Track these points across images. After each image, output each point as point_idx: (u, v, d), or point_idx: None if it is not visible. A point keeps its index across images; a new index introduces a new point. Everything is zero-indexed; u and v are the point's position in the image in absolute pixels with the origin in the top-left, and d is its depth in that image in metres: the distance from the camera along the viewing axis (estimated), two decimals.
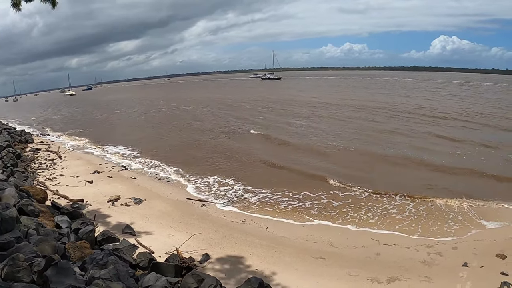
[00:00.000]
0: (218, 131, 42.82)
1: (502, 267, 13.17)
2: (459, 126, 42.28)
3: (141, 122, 55.67)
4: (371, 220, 18.16)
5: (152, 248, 13.02)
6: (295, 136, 37.34)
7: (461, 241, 15.73)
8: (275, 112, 56.50)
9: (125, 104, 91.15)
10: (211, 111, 63.37)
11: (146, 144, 36.66)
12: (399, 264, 13.70)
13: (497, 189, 21.70)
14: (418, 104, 66.13)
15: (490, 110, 57.78)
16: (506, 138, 35.33)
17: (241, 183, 23.59)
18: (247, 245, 14.71)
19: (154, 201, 19.62)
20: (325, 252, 14.56)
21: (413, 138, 35.47)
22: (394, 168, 26.45)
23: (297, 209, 19.47)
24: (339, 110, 58.70)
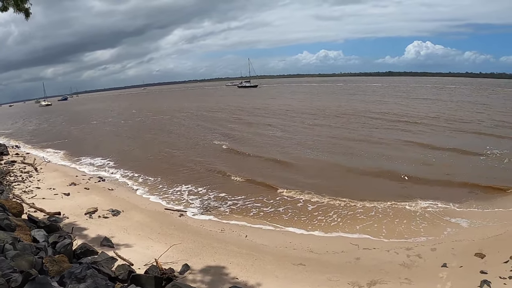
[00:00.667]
0: (191, 141, 42.85)
1: (481, 266, 13.58)
2: (427, 131, 43.32)
3: (118, 133, 55.21)
4: (346, 225, 18.53)
5: (131, 260, 12.97)
6: (261, 147, 37.32)
7: (440, 242, 16.14)
8: (246, 122, 56.31)
9: (101, 114, 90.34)
10: (186, 121, 62.96)
11: (122, 155, 36.49)
12: (379, 268, 13.96)
13: (464, 194, 22.32)
14: (386, 108, 67.87)
15: (459, 113, 59.48)
16: (473, 143, 36.19)
17: (215, 192, 23.88)
18: (226, 254, 14.78)
19: (132, 212, 19.60)
20: (305, 259, 14.74)
21: (381, 145, 36.02)
22: (362, 175, 26.71)
23: (270, 215, 19.95)
24: (311, 117, 59.21)
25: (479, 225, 18.07)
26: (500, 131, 42.02)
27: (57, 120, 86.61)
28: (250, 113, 67.04)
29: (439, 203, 20.76)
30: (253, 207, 21.23)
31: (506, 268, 13.23)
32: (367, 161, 30.28)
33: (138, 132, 54.17)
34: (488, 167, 27.90)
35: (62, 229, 15.36)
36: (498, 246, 15.34)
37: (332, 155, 32.58)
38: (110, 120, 75.34)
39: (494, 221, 18.45)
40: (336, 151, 33.83)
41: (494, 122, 49.93)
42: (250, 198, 22.47)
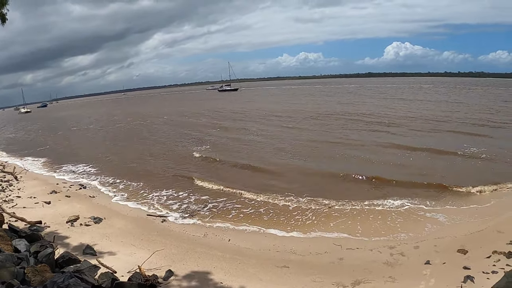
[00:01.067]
0: (168, 148, 42.49)
1: (464, 262, 13.91)
2: (403, 131, 44.01)
3: (98, 139, 54.79)
4: (322, 224, 19.00)
5: (114, 267, 12.92)
6: (238, 152, 37.17)
7: (422, 240, 16.49)
8: (223, 127, 55.81)
9: (81, 121, 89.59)
10: (165, 127, 62.25)
11: (103, 162, 36.21)
12: (363, 267, 14.18)
13: (440, 193, 22.83)
14: (364, 109, 68.78)
15: (435, 113, 60.79)
16: (448, 142, 36.96)
17: (195, 196, 24.15)
18: (210, 258, 14.84)
19: (114, 219, 19.56)
20: (289, 261, 14.90)
21: (356, 147, 36.26)
22: (338, 178, 26.89)
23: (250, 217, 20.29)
24: (289, 120, 59.60)
25: (460, 221, 18.49)
26: (476, 129, 43.24)
27: (37, 127, 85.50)
28: (228, 118, 66.82)
29: (416, 201, 21.34)
30: (233, 208, 21.61)
31: (489, 263, 13.58)
32: (343, 163, 30.45)
33: (118, 138, 53.57)
34: (463, 166, 28.58)
35: (44, 238, 15.30)
36: (480, 242, 15.71)
37: (308, 158, 32.68)
38: (90, 126, 74.73)
39: (474, 217, 18.88)
40: (312, 155, 33.91)
41: (470, 121, 51.36)
42: (231, 200, 22.85)
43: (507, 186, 23.28)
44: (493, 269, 13.00)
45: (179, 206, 22.38)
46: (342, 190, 23.82)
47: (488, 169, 27.22)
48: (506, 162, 29.27)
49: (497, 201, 21.22)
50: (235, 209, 21.45)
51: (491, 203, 20.88)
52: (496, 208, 20.07)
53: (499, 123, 49.06)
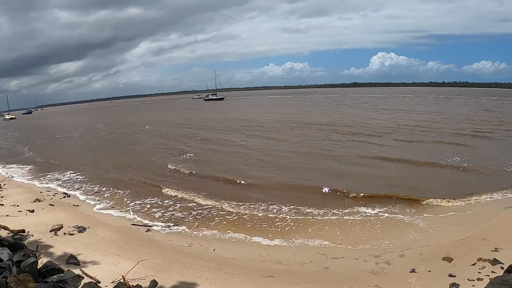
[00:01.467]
0: (151, 157, 42.42)
1: (449, 270, 14.09)
2: (386, 143, 44.12)
3: (83, 147, 54.40)
4: (310, 233, 19.09)
5: (98, 277, 12.83)
6: (221, 164, 36.62)
7: (407, 248, 16.69)
8: (205, 138, 54.95)
9: (66, 128, 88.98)
10: (149, 137, 61.95)
11: (88, 170, 36.02)
12: (348, 276, 14.32)
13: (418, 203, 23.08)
14: (347, 120, 69.78)
15: (417, 122, 61.74)
16: (431, 153, 37.38)
17: (180, 204, 24.38)
18: (195, 268, 14.85)
19: (98, 229, 19.47)
20: (274, 270, 14.97)
21: (335, 158, 36.32)
22: (318, 190, 26.85)
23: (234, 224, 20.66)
24: (271, 130, 60.15)
25: (444, 229, 18.80)
26: (457, 139, 43.94)
27: (21, 134, 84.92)
28: (212, 128, 66.32)
29: (397, 210, 21.88)
30: (217, 215, 22.04)
31: (474, 270, 13.77)
32: (323, 175, 30.49)
33: (102, 147, 53.06)
34: (443, 176, 29.11)
35: (27, 247, 15.21)
36: (465, 249, 15.98)
37: (287, 170, 32.46)
38: (76, 134, 74.14)
39: (458, 225, 19.23)
40: (292, 166, 33.67)
41: (450, 130, 52.48)
42: (216, 208, 23.24)
43: (487, 195, 23.85)
44: (478, 276, 13.18)
45: (164, 215, 22.41)
46: (322, 201, 24.16)
47: (469, 179, 27.88)
48: (484, 171, 30.05)
49: (480, 209, 21.66)
50: (219, 216, 21.82)
51: (474, 211, 21.34)
52: (480, 216, 20.41)
53: (479, 132, 50.71)
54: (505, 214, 20.38)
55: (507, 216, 20.02)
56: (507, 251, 15.07)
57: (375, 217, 20.97)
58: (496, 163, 32.23)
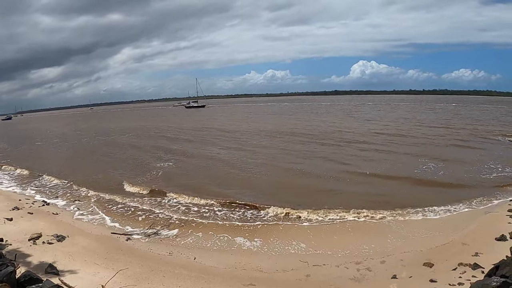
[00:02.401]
0: (132, 163, 42.63)
1: (430, 275, 14.41)
2: (362, 154, 43.65)
3: (63, 155, 53.77)
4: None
5: (77, 287, 12.76)
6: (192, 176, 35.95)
7: (388, 255, 17.06)
8: (182, 150, 53.61)
9: (46, 135, 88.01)
10: (128, 142, 62.70)
11: (67, 177, 35.69)
12: (329, 284, 14.61)
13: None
14: (322, 128, 70.07)
15: (393, 131, 62.59)
16: (402, 163, 37.89)
17: (159, 214, 24.48)
18: (175, 278, 14.94)
19: (78, 237, 19.47)
20: (255, 278, 15.17)
21: (310, 175, 35.44)
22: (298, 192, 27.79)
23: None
24: (248, 139, 60.22)
25: (425, 235, 19.26)
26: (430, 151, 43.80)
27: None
28: (189, 140, 65.29)
29: (375, 216, 22.40)
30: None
31: (455, 275, 14.10)
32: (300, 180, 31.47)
33: (82, 154, 52.59)
34: (417, 186, 29.45)
35: (5, 256, 15.13)
36: (446, 255, 16.35)
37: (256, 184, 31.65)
38: (55, 141, 73.46)
39: (438, 230, 19.75)
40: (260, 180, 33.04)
41: (427, 138, 54.04)
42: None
43: (466, 202, 24.56)
44: (459, 281, 13.50)
45: (144, 224, 22.50)
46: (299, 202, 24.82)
47: (446, 186, 28.56)
48: (461, 178, 30.95)
49: (459, 215, 22.47)
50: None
51: (453, 217, 22.18)
52: (460, 221, 21.09)
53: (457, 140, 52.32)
54: (484, 219, 20.88)
55: (486, 222, 20.49)
56: (487, 256, 15.41)
57: (354, 223, 21.59)
58: (473, 170, 33.36)
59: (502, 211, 21.89)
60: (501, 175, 31.70)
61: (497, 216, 21.11)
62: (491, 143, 49.85)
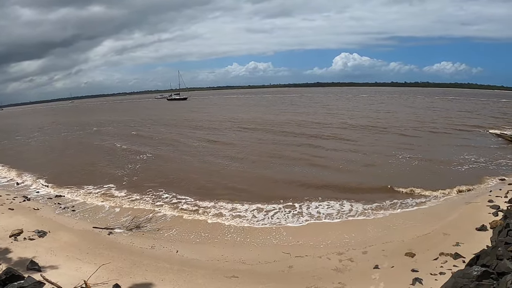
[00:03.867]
0: (113, 158, 42.42)
1: (412, 265, 14.87)
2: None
3: (42, 149, 53.11)
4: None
5: (60, 283, 13.00)
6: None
7: (370, 245, 17.46)
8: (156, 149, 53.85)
9: (25, 129, 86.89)
10: (109, 135, 62.69)
11: (48, 172, 35.61)
12: (312, 274, 14.92)
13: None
14: (303, 121, 70.81)
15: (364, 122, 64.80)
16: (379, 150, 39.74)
17: (139, 207, 24.74)
18: (158, 271, 15.14)
19: (59, 233, 19.50)
20: (238, 270, 15.46)
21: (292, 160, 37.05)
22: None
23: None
24: (223, 129, 61.31)
25: (406, 225, 19.80)
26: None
27: None
28: (162, 142, 65.97)
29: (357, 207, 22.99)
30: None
31: (436, 265, 14.61)
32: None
33: (62, 148, 52.01)
34: (397, 173, 31.30)
35: None
36: (427, 245, 16.82)
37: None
38: (36, 134, 72.90)
39: (419, 221, 20.26)
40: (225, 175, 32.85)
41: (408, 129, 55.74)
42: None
43: (447, 192, 25.34)
44: (440, 271, 14.01)
45: (126, 218, 22.61)
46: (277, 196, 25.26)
47: (427, 177, 29.14)
48: (441, 169, 31.87)
49: (440, 205, 23.04)
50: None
51: (434, 207, 22.72)
52: (440, 211, 21.66)
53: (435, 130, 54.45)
54: (465, 210, 21.40)
55: (466, 212, 21.02)
56: (468, 245, 15.90)
57: (338, 214, 22.07)
58: (453, 162, 34.29)
59: (482, 201, 22.42)
60: (482, 167, 32.66)
61: (478, 206, 21.62)
62: (473, 135, 51.33)
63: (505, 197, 22.78)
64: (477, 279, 10.94)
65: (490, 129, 55.03)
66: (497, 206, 20.85)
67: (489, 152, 38.40)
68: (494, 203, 21.57)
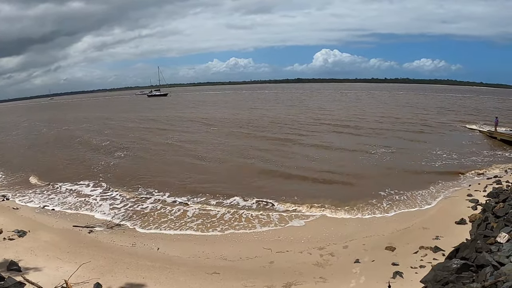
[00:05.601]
0: (91, 154, 42.70)
1: (392, 259, 15.40)
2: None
3: (21, 147, 52.82)
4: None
5: (40, 283, 13.07)
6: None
7: (351, 240, 17.93)
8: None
9: (3, 127, 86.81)
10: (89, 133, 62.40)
11: (26, 170, 35.41)
12: (293, 269, 15.28)
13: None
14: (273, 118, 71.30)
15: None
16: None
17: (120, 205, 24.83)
18: (139, 269, 15.35)
19: (40, 232, 19.53)
20: (219, 267, 15.73)
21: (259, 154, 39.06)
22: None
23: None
24: (194, 130, 61.09)
25: (387, 220, 20.35)
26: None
27: None
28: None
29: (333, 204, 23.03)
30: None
31: (416, 258, 15.15)
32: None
33: (41, 145, 51.81)
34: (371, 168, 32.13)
35: None
36: (407, 239, 17.33)
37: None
38: (15, 132, 72.28)
39: (398, 215, 20.95)
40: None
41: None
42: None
43: (425, 187, 25.77)
44: (420, 264, 14.53)
45: (106, 216, 22.76)
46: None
47: (404, 174, 29.96)
48: (419, 166, 32.27)
49: (419, 200, 23.53)
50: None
51: (413, 202, 23.21)
52: (420, 206, 22.31)
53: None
54: (444, 204, 22.08)
55: (446, 206, 21.71)
56: (448, 239, 16.41)
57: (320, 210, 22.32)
58: (432, 157, 35.44)
59: (461, 195, 23.16)
60: (460, 162, 33.58)
61: (457, 200, 22.29)
62: (450, 131, 52.75)
63: (484, 191, 23.44)
64: (456, 272, 11.38)
65: (467, 124, 56.15)
66: (476, 200, 21.46)
67: (467, 147, 39.64)
68: (473, 197, 22.23)
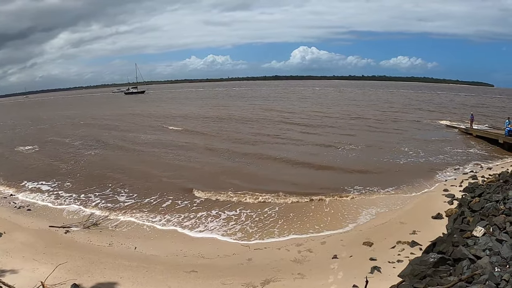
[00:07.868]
0: (74, 153, 41.88)
1: (370, 254, 15.88)
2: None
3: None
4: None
5: (16, 285, 13.10)
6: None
7: (328, 236, 18.32)
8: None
9: None
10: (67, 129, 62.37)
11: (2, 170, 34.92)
12: (271, 266, 15.64)
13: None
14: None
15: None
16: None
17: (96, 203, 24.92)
18: (116, 268, 15.52)
19: (15, 233, 19.52)
20: (197, 265, 16.03)
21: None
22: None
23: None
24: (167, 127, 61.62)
25: (364, 215, 20.70)
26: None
27: None
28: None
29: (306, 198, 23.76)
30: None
31: (394, 253, 15.68)
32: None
33: (16, 144, 51.56)
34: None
35: None
36: (384, 234, 17.84)
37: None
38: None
39: (376, 211, 21.25)
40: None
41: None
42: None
43: (403, 183, 26.26)
44: (398, 258, 15.04)
45: (82, 215, 22.65)
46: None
47: (378, 171, 30.40)
48: (396, 164, 32.71)
49: (396, 195, 24.02)
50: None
51: (390, 197, 23.70)
52: (397, 201, 22.80)
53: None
54: (420, 199, 22.72)
55: (422, 201, 22.32)
56: (425, 233, 16.92)
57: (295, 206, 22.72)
58: (410, 153, 36.32)
59: (438, 191, 23.88)
60: (437, 157, 34.39)
61: (433, 195, 22.95)
62: (426, 127, 54.34)
63: (460, 186, 24.16)
64: (434, 266, 11.81)
65: (443, 121, 57.03)
66: (452, 195, 22.10)
67: (443, 143, 40.73)
68: (449, 192, 22.89)
